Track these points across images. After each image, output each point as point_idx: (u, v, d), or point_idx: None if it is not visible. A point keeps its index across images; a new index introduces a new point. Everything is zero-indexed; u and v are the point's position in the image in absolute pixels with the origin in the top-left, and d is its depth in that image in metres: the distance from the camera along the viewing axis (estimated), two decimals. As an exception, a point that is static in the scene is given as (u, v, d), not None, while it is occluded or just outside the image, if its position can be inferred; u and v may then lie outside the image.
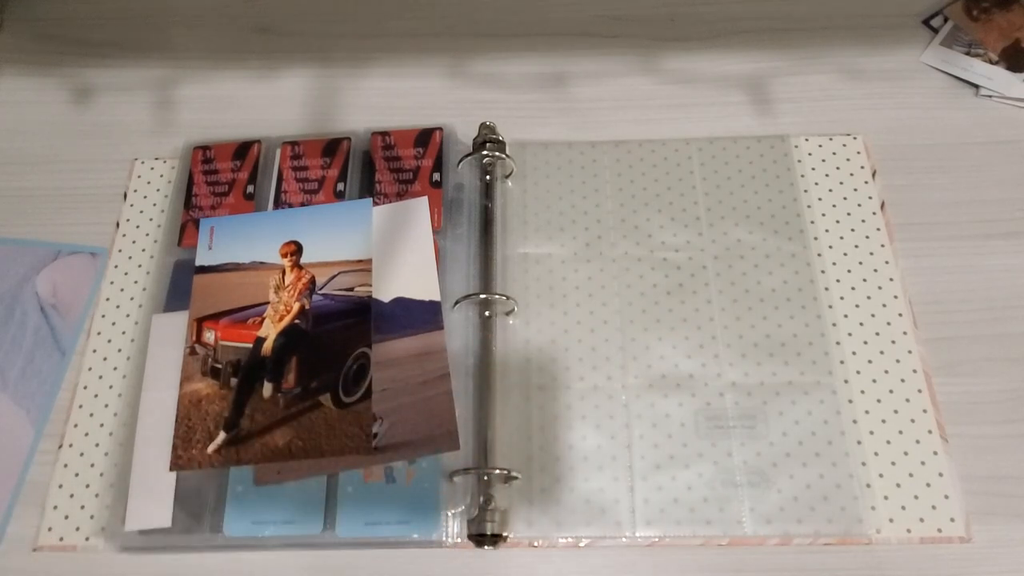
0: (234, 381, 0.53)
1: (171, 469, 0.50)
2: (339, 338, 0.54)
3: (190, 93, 0.68)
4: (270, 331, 0.55)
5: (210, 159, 0.63)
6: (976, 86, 0.64)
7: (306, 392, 0.52)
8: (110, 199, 0.63)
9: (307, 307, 0.55)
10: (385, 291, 0.56)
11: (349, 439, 0.50)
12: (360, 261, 0.57)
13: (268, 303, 0.56)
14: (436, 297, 0.55)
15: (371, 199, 0.59)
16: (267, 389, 0.53)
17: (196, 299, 0.56)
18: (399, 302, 0.55)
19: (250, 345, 0.54)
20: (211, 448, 0.51)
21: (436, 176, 0.61)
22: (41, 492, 0.52)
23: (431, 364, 0.53)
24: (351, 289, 0.56)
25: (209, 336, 0.55)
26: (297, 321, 0.55)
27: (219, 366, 0.54)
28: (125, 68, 0.70)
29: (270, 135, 0.64)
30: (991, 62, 0.65)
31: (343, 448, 0.50)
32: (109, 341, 0.57)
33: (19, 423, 0.55)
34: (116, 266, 0.60)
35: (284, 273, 0.57)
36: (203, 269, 0.58)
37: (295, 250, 0.58)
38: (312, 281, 0.56)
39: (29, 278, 0.60)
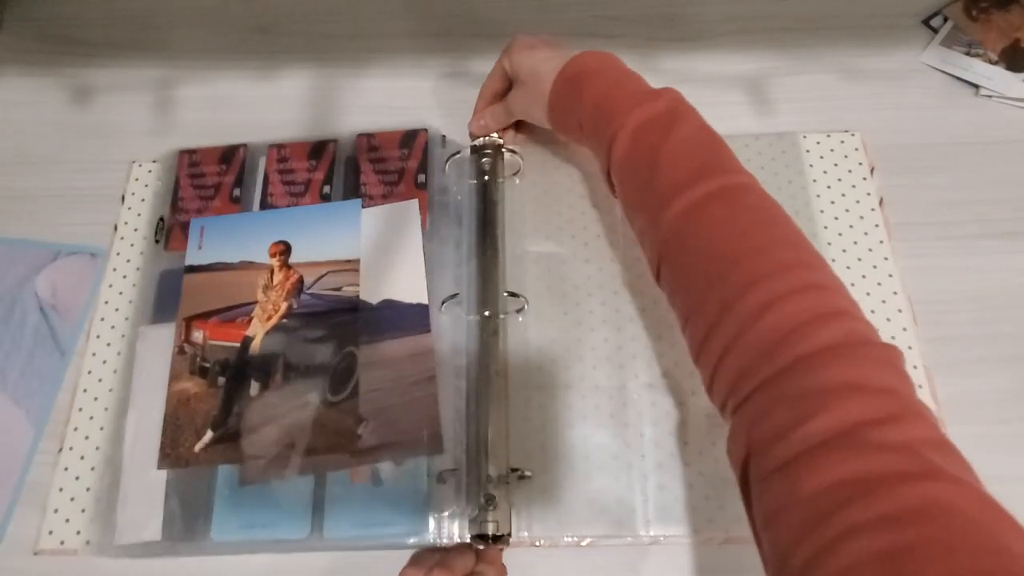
0: (222, 380, 0.53)
1: (159, 467, 0.51)
2: (327, 337, 0.54)
3: (189, 94, 0.68)
4: (258, 330, 0.55)
5: (196, 163, 0.63)
6: (976, 86, 0.64)
7: (293, 391, 0.52)
8: (109, 200, 0.63)
9: (295, 306, 0.55)
10: (374, 293, 0.56)
11: (337, 437, 0.50)
12: (348, 261, 0.57)
13: (256, 302, 0.56)
14: (424, 300, 0.55)
15: (360, 200, 0.59)
16: (254, 388, 0.53)
17: (186, 298, 0.56)
18: (388, 304, 0.55)
19: (238, 344, 0.54)
20: (199, 446, 0.51)
21: (421, 177, 0.61)
22: (41, 493, 0.52)
23: (419, 366, 0.53)
24: (339, 289, 0.56)
25: (198, 335, 0.55)
26: (285, 320, 0.55)
27: (207, 365, 0.54)
28: (125, 68, 0.70)
29: (270, 136, 0.64)
30: (991, 62, 0.65)
31: (331, 446, 0.50)
32: (108, 344, 0.57)
33: (19, 423, 0.55)
34: (114, 269, 0.60)
35: (273, 273, 0.57)
36: (193, 269, 0.58)
37: (284, 250, 0.58)
38: (300, 281, 0.56)
39: (29, 278, 0.60)
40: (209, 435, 0.51)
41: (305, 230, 0.59)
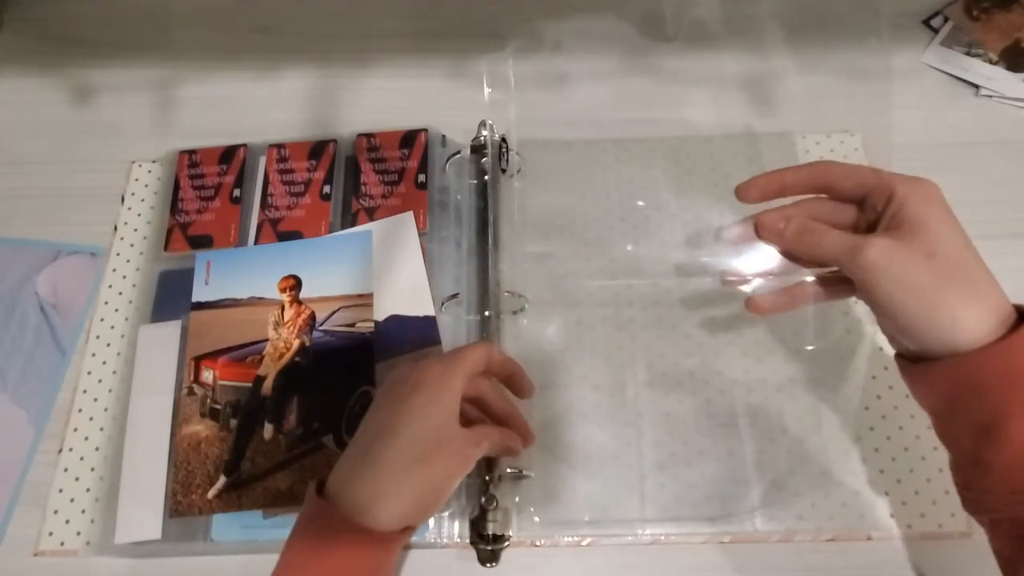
0: (234, 422, 0.52)
1: (171, 516, 0.49)
2: (341, 376, 0.53)
3: (189, 94, 0.68)
4: (270, 369, 0.53)
5: (196, 163, 0.63)
6: (976, 86, 0.64)
7: (308, 433, 0.51)
8: (110, 199, 0.63)
9: (307, 344, 0.54)
10: (379, 310, 0.55)
11: None
12: (360, 296, 0.56)
13: (267, 340, 0.55)
14: (431, 311, 0.55)
15: (371, 231, 0.58)
16: (268, 430, 0.51)
17: (193, 336, 0.55)
18: (394, 320, 0.55)
19: (249, 384, 0.53)
20: (211, 493, 0.50)
21: (421, 177, 0.61)
22: (41, 493, 0.52)
23: None
24: (352, 325, 0.54)
25: (207, 375, 0.53)
26: (297, 359, 0.54)
27: (218, 407, 0.52)
28: (125, 68, 0.70)
29: (270, 136, 0.64)
30: (991, 62, 0.65)
31: None
32: (108, 345, 0.57)
33: (19, 423, 0.55)
34: (114, 269, 0.60)
35: (283, 309, 0.56)
36: (200, 305, 0.56)
37: (294, 284, 0.56)
38: (312, 317, 0.55)
39: (29, 278, 0.60)
40: (222, 481, 0.50)
41: (315, 263, 0.57)
